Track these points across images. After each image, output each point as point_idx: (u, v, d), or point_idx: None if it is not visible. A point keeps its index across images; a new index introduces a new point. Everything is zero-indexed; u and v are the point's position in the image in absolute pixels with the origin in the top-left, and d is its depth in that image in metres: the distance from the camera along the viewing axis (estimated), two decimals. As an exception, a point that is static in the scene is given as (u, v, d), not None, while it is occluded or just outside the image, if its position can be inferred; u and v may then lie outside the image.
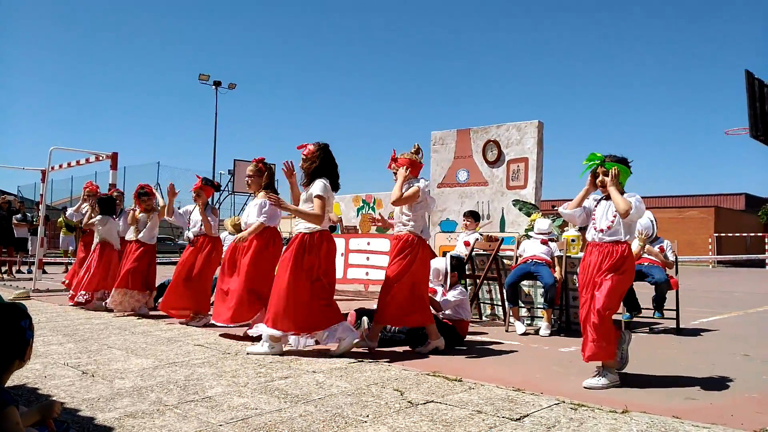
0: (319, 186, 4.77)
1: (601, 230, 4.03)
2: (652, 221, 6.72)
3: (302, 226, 4.82)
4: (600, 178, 4.10)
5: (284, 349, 4.78)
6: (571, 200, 4.26)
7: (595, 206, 4.17)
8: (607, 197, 4.09)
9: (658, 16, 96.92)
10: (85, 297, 7.60)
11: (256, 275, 5.41)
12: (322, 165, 4.89)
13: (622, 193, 4.01)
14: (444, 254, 6.66)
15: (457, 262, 5.69)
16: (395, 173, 5.13)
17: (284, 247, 5.06)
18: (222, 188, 26.12)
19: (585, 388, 3.82)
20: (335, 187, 4.97)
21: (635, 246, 6.72)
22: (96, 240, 7.97)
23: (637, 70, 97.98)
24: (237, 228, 9.51)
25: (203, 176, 6.98)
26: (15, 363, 2.22)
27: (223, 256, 6.00)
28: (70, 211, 9.17)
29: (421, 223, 5.06)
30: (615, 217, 3.99)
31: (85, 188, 8.71)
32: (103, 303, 7.56)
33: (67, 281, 8.98)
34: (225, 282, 5.56)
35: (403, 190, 4.98)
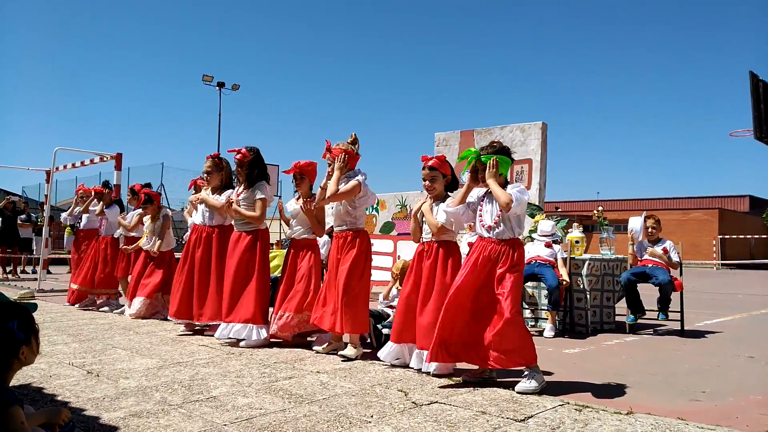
0: (260, 191, 5.36)
1: (489, 227, 3.88)
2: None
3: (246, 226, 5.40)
4: (481, 173, 3.92)
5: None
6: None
7: (481, 202, 4.01)
8: (490, 193, 3.91)
9: (662, 17, 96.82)
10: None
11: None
12: (261, 169, 5.45)
13: (503, 185, 3.85)
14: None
15: None
16: (329, 164, 4.83)
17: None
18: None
19: (519, 392, 3.61)
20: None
21: (630, 248, 6.73)
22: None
23: (641, 72, 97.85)
24: None
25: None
26: (14, 363, 2.21)
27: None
28: (64, 215, 9.01)
29: (363, 219, 4.87)
30: (501, 212, 3.82)
31: (77, 191, 8.62)
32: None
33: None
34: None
35: (341, 185, 4.66)
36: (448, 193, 4.46)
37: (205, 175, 5.92)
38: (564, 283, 6.18)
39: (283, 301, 5.13)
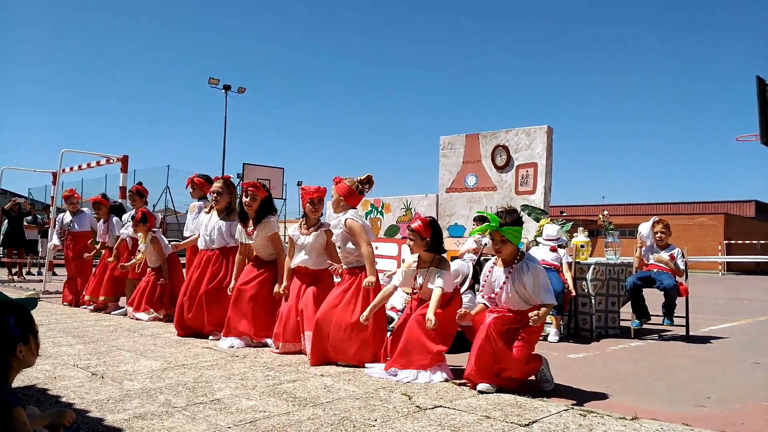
0: (269, 226, 5.39)
1: (504, 302, 3.88)
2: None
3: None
4: (497, 245, 3.91)
5: None
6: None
7: (489, 272, 4.01)
8: (502, 264, 3.94)
9: (667, 21, 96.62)
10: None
11: None
12: (267, 203, 5.44)
13: (515, 254, 3.91)
14: (452, 259, 6.65)
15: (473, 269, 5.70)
16: (333, 198, 4.82)
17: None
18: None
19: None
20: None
21: (636, 254, 6.72)
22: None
23: (647, 76, 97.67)
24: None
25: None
26: (12, 361, 2.21)
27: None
28: (52, 244, 8.88)
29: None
30: (510, 289, 3.84)
31: (65, 196, 8.61)
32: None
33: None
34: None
35: (346, 237, 4.65)
36: (435, 255, 4.41)
37: (215, 195, 5.92)
38: (569, 292, 6.16)
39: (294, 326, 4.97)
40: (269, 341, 5.20)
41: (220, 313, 5.57)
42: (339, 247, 4.83)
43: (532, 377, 3.99)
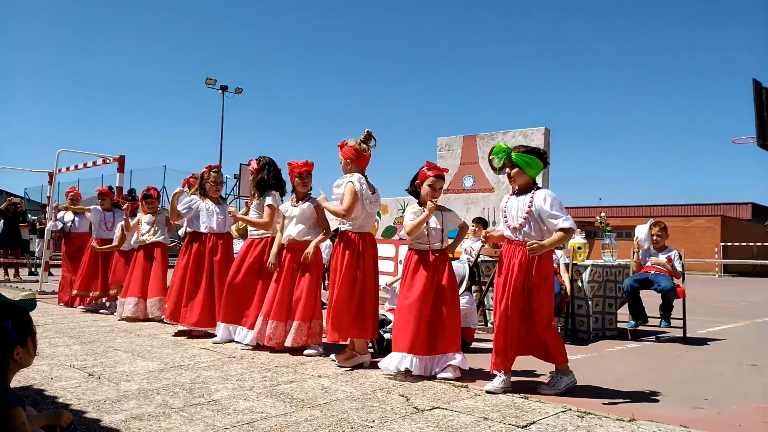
0: (269, 198, 5.36)
1: (515, 228, 3.87)
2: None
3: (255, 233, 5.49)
4: (507, 170, 3.94)
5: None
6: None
7: (506, 204, 4.00)
8: (518, 193, 3.93)
9: (665, 23, 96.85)
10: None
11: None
12: (271, 179, 5.43)
13: (531, 186, 3.89)
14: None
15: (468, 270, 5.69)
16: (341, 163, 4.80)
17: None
18: (228, 192, 26.17)
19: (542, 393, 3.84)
20: (282, 194, 5.48)
21: (634, 257, 6.74)
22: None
23: (644, 78, 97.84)
24: (242, 233, 9.49)
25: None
26: (9, 363, 2.20)
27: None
28: (51, 224, 8.76)
29: (359, 222, 4.67)
30: (527, 215, 3.81)
31: (67, 193, 8.68)
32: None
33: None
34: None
35: (343, 196, 4.62)
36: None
37: (219, 185, 6.11)
38: (566, 294, 6.17)
39: (284, 309, 5.01)
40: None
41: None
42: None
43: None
